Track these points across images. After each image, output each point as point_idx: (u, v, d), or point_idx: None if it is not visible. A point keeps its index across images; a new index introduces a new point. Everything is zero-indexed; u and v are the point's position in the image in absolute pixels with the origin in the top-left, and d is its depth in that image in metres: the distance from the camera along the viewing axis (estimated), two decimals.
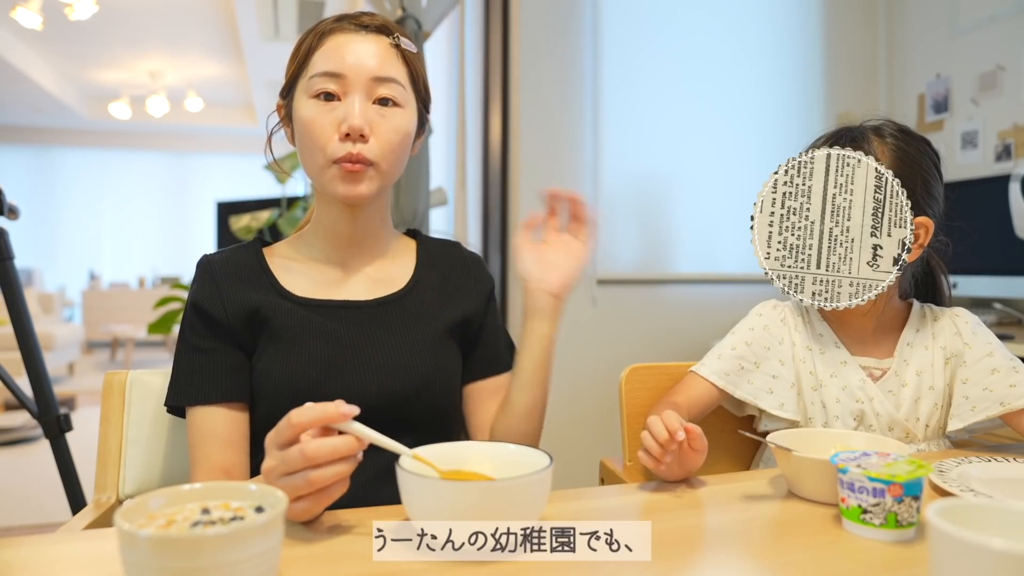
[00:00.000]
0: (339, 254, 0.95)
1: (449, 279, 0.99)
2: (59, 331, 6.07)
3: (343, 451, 0.62)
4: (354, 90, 0.86)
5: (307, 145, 0.87)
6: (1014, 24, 2.45)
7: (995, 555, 0.45)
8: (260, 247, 0.97)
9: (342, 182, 0.86)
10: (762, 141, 2.75)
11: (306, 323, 0.88)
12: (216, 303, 0.89)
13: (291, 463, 0.61)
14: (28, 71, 6.71)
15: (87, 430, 1.86)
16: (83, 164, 9.24)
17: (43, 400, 1.72)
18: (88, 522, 0.88)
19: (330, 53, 0.87)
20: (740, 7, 2.73)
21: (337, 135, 0.85)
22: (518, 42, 2.44)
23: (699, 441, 0.79)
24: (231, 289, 0.89)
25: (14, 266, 1.73)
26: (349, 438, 0.63)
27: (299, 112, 0.88)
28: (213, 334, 0.88)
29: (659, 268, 2.65)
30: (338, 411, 0.63)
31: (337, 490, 0.64)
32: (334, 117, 0.85)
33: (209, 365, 0.87)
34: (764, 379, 1.03)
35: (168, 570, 0.47)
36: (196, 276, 0.93)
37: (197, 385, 0.87)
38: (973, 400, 0.99)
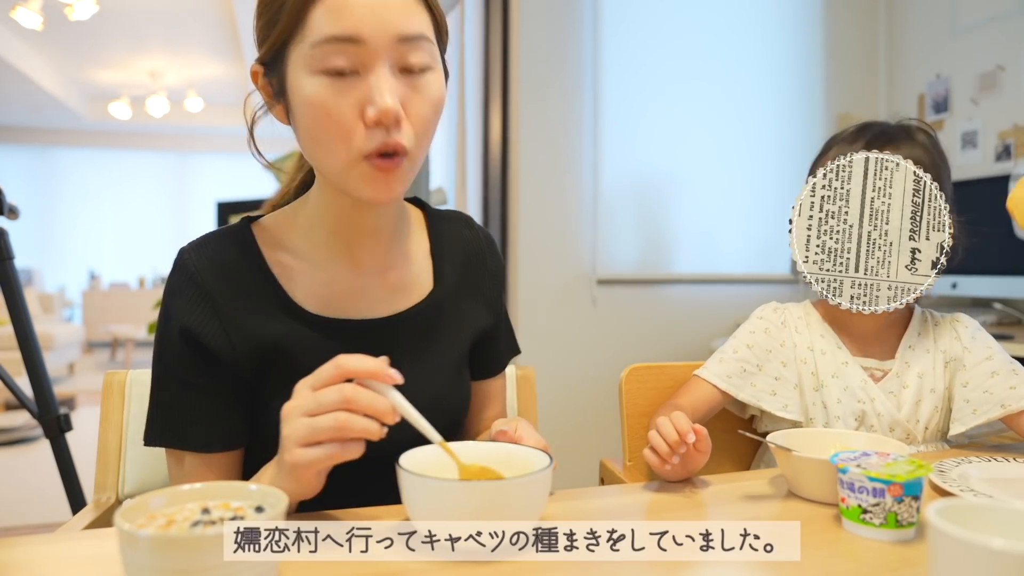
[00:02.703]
0: (351, 249, 0.79)
1: (467, 277, 0.88)
2: (59, 331, 6.07)
3: (380, 408, 0.58)
4: (377, 59, 0.66)
5: (320, 137, 0.68)
6: (1014, 24, 2.45)
7: (995, 555, 0.45)
8: (252, 237, 0.78)
9: (373, 184, 0.69)
10: (762, 141, 2.75)
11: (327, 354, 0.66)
12: (217, 333, 0.72)
13: (325, 402, 0.58)
14: (28, 71, 6.71)
15: (87, 430, 1.85)
16: (83, 164, 9.23)
17: (43, 400, 1.72)
18: (88, 522, 0.88)
19: (338, 8, 0.65)
20: (740, 7, 2.73)
21: (362, 122, 0.66)
22: (518, 42, 2.44)
23: (704, 443, 0.80)
24: (234, 312, 0.73)
25: (14, 266, 1.73)
26: (387, 402, 0.59)
27: (301, 91, 0.67)
28: (211, 370, 0.73)
29: (659, 268, 2.65)
30: (387, 371, 0.59)
31: (352, 450, 0.59)
32: (355, 98, 0.66)
33: (203, 405, 0.73)
34: (767, 381, 1.03)
35: (168, 570, 0.47)
36: (177, 285, 0.74)
37: (188, 428, 0.73)
38: (974, 403, 0.99)
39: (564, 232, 2.51)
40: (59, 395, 3.67)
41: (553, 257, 2.50)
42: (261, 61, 0.72)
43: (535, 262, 2.47)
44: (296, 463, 0.59)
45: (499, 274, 0.93)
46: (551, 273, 2.50)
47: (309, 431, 0.58)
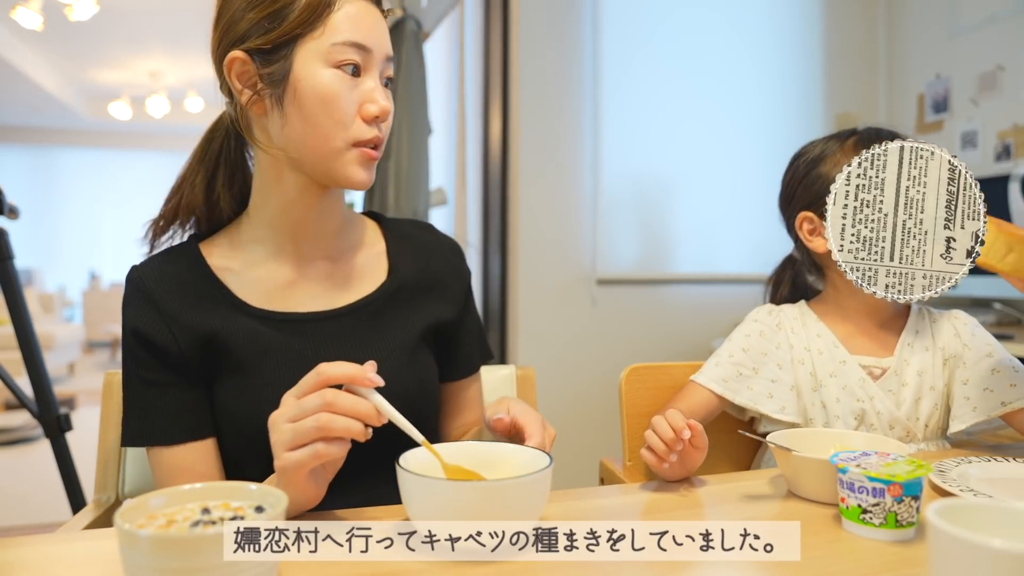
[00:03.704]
0: (293, 245, 0.83)
1: (427, 274, 0.91)
2: (59, 331, 6.07)
3: (362, 411, 0.62)
4: (375, 67, 0.78)
5: (323, 122, 0.75)
6: (1014, 24, 2.45)
7: (995, 555, 0.45)
8: (197, 245, 0.85)
9: (360, 167, 0.78)
10: (762, 141, 2.75)
11: (269, 345, 0.79)
12: (161, 330, 0.78)
13: (307, 408, 0.61)
14: (28, 71, 6.71)
15: (87, 430, 1.86)
16: (83, 164, 9.23)
17: (43, 400, 1.72)
18: (88, 522, 0.88)
19: (357, 21, 0.76)
20: (740, 7, 2.73)
21: (360, 115, 0.77)
22: (518, 42, 2.44)
23: (700, 439, 0.80)
24: (176, 310, 0.78)
25: (14, 266, 1.73)
26: (369, 404, 0.63)
27: (313, 79, 0.75)
28: (163, 365, 0.78)
29: (659, 268, 2.65)
30: (366, 375, 0.63)
31: (337, 451, 0.61)
32: (358, 94, 0.77)
33: (163, 400, 0.78)
34: (763, 384, 1.03)
35: (168, 570, 0.47)
36: (128, 295, 0.81)
37: (154, 423, 0.77)
38: (974, 401, 0.99)
39: (564, 232, 2.51)
40: (59, 395, 3.67)
41: (553, 257, 2.50)
42: (255, 48, 0.76)
43: (535, 262, 2.47)
44: (285, 467, 0.62)
45: (464, 277, 0.96)
46: (551, 273, 2.50)
47: (293, 435, 0.61)
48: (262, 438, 0.64)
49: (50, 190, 9.12)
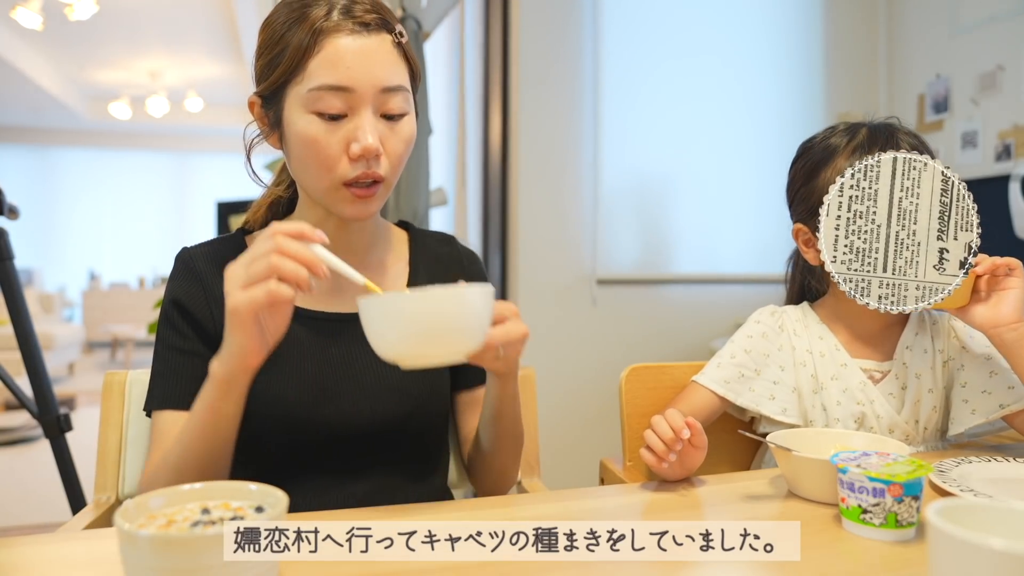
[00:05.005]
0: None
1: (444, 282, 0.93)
2: (59, 331, 6.07)
3: (307, 257, 0.66)
4: (363, 104, 0.77)
5: (309, 165, 0.79)
6: (1014, 24, 2.45)
7: (995, 555, 0.45)
8: (243, 239, 0.90)
9: (352, 205, 0.80)
10: (762, 141, 2.75)
11: (297, 338, 0.83)
12: (200, 303, 0.83)
13: (260, 252, 0.65)
14: (28, 71, 6.71)
15: (87, 430, 1.85)
16: (83, 164, 9.24)
17: (43, 400, 1.72)
18: (88, 522, 0.88)
19: (333, 61, 0.76)
20: (740, 7, 2.73)
21: (347, 155, 0.78)
22: (518, 42, 2.44)
23: (699, 438, 0.80)
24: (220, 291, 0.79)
25: (14, 266, 1.73)
26: (315, 253, 0.67)
27: (296, 126, 0.78)
28: (197, 336, 0.83)
29: (659, 268, 2.65)
30: (313, 232, 0.68)
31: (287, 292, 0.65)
32: (342, 135, 0.77)
33: (188, 368, 0.82)
34: (765, 385, 1.03)
35: (168, 570, 0.47)
36: (176, 270, 0.86)
37: (179, 387, 0.81)
38: (972, 403, 0.99)
39: (564, 232, 2.51)
40: (59, 395, 3.67)
41: (553, 257, 2.50)
42: (259, 94, 0.83)
43: (535, 262, 2.47)
44: (236, 306, 0.66)
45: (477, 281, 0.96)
46: (551, 273, 2.50)
47: (246, 274, 0.65)
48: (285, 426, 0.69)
49: (50, 190, 9.12)
